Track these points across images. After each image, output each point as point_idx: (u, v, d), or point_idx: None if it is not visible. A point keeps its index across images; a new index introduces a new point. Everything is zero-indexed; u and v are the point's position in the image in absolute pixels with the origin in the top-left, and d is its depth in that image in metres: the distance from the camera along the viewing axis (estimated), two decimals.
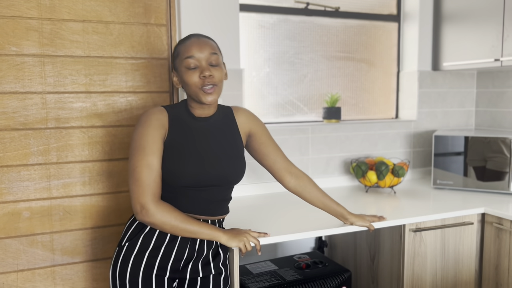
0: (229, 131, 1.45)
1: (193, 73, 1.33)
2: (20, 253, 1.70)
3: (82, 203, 1.77)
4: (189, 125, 1.38)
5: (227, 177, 1.39)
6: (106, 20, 1.75)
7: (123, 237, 1.40)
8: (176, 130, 1.36)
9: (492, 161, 2.09)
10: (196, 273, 1.39)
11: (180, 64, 1.36)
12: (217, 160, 1.37)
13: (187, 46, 1.35)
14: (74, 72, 1.73)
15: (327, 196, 1.57)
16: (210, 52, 1.34)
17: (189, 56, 1.33)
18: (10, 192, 1.67)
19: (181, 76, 1.37)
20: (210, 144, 1.38)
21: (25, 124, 1.68)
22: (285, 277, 1.71)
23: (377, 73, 2.55)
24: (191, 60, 1.33)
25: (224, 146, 1.40)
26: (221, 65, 1.38)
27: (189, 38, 1.37)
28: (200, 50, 1.33)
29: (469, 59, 2.26)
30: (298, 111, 2.37)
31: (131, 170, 1.30)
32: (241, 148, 1.46)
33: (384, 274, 1.89)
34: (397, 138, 2.45)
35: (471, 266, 1.89)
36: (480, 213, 1.88)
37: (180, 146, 1.34)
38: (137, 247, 1.34)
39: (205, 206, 1.38)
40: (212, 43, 1.38)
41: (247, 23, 2.22)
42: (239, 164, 1.42)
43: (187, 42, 1.36)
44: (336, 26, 2.41)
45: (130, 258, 1.34)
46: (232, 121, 1.47)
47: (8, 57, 1.63)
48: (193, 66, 1.33)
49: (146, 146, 1.29)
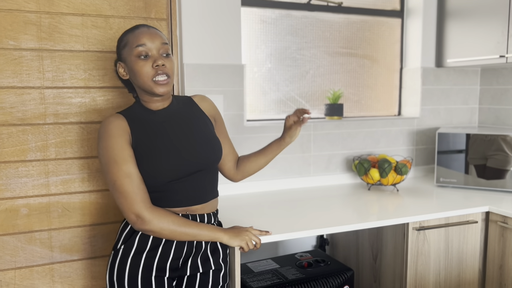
0: (194, 115, 1.41)
1: (145, 63, 1.28)
2: (18, 250, 1.68)
3: (81, 200, 1.75)
4: (149, 121, 1.34)
5: (207, 159, 1.35)
6: (105, 14, 1.72)
7: (117, 240, 1.35)
8: (138, 131, 1.31)
9: (492, 159, 2.06)
10: (196, 269, 1.36)
11: (129, 53, 1.30)
12: (190, 145, 1.33)
13: (136, 35, 1.30)
14: (73, 67, 1.70)
15: (261, 150, 1.56)
16: (161, 42, 1.30)
17: (140, 45, 1.28)
18: (8, 188, 1.65)
19: (131, 66, 1.31)
20: (176, 133, 1.34)
21: (23, 119, 1.65)
22: (286, 276, 1.69)
23: (380, 70, 2.52)
24: (142, 49, 1.28)
25: (193, 130, 1.37)
26: (171, 57, 1.34)
27: (137, 28, 1.32)
28: (151, 40, 1.29)
29: (474, 56, 2.23)
30: (300, 107, 2.35)
31: (112, 185, 1.25)
32: (211, 128, 1.43)
33: (387, 273, 1.86)
34: (400, 135, 2.43)
35: (475, 265, 1.87)
36: (485, 212, 1.86)
37: (149, 143, 1.30)
38: (133, 249, 1.30)
39: (194, 194, 1.34)
40: (162, 34, 1.34)
41: (249, 18, 2.19)
42: (214, 142, 1.39)
43: (136, 31, 1.31)
44: (339, 21, 2.38)
45: (127, 261, 1.30)
46: (195, 107, 1.44)
47: (5, 51, 1.60)
48: (144, 55, 1.28)
49: (116, 157, 1.24)
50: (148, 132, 1.31)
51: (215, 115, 1.49)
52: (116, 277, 1.30)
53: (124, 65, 1.34)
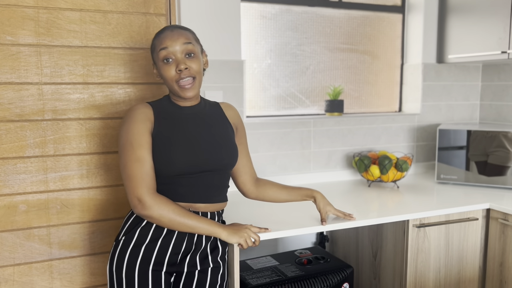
0: (217, 119, 1.45)
1: (169, 67, 1.32)
2: (16, 246, 1.67)
3: (80, 196, 1.74)
4: (175, 115, 1.37)
5: (219, 162, 1.37)
6: (104, 10, 1.71)
7: (120, 232, 1.38)
8: (162, 122, 1.35)
9: (493, 155, 2.05)
10: (194, 266, 1.36)
11: (157, 57, 1.35)
12: (208, 144, 1.36)
13: (160, 39, 1.33)
14: (71, 63, 1.69)
15: (288, 186, 1.56)
16: (183, 42, 1.32)
17: (162, 48, 1.32)
18: (6, 185, 1.64)
19: (159, 70, 1.36)
20: (199, 130, 1.37)
21: (21, 115, 1.64)
22: (286, 273, 1.69)
23: (380, 66, 2.50)
24: (164, 52, 1.31)
25: (214, 131, 1.39)
26: (198, 55, 1.35)
27: (163, 31, 1.35)
28: (173, 41, 1.31)
29: (475, 52, 2.21)
30: (300, 103, 2.33)
31: (122, 166, 1.29)
32: (231, 134, 1.45)
33: (386, 270, 1.86)
34: (401, 131, 2.42)
35: (475, 263, 1.86)
36: (485, 209, 1.85)
37: (169, 135, 1.33)
38: (133, 240, 1.32)
39: (202, 193, 1.35)
40: (186, 33, 1.35)
41: (248, 13, 2.17)
42: (231, 147, 1.41)
43: (161, 35, 1.34)
44: (339, 17, 2.37)
45: (126, 252, 1.32)
46: (220, 112, 1.47)
47: (3, 47, 1.59)
48: (167, 58, 1.32)
49: (133, 140, 1.28)
50: (170, 124, 1.35)
51: (238, 125, 1.51)
52: (115, 267, 1.32)
53: (155, 67, 1.39)
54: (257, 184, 1.55)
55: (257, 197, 1.56)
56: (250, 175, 1.54)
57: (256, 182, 1.55)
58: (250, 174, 1.53)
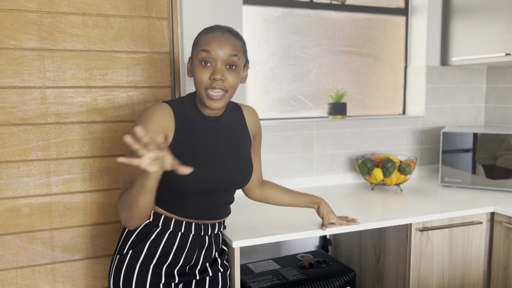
0: (239, 132, 1.35)
1: (204, 70, 1.19)
2: (19, 249, 1.68)
3: (82, 199, 1.75)
4: (198, 126, 1.25)
5: (235, 183, 1.31)
6: (106, 13, 1.72)
7: (123, 244, 1.29)
8: (184, 131, 1.22)
9: (502, 158, 2.03)
10: (205, 273, 1.35)
11: (195, 55, 1.22)
12: (227, 166, 1.28)
13: (208, 38, 1.20)
14: (74, 67, 1.70)
15: (292, 190, 1.53)
16: (230, 53, 1.19)
17: (205, 50, 1.19)
18: (10, 188, 1.65)
19: (193, 68, 1.23)
20: (220, 148, 1.27)
21: (24, 119, 1.65)
22: (287, 277, 1.68)
23: (384, 68, 2.49)
24: (205, 54, 1.19)
25: (234, 150, 1.31)
26: (240, 69, 1.23)
27: (213, 30, 1.22)
28: (220, 47, 1.18)
29: (479, 54, 2.20)
30: (302, 106, 2.33)
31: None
32: (249, 148, 1.38)
33: (389, 274, 1.84)
34: (404, 134, 2.40)
35: (480, 267, 1.84)
36: (489, 212, 1.83)
37: (190, 149, 1.22)
38: (142, 254, 1.25)
39: (211, 211, 1.31)
40: (237, 42, 1.22)
41: (251, 16, 2.17)
42: (248, 168, 1.34)
43: (209, 34, 1.21)
44: (342, 19, 2.36)
45: (135, 266, 1.25)
46: (242, 121, 1.38)
47: (6, 51, 1.61)
48: (206, 61, 1.19)
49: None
50: (192, 137, 1.23)
51: (256, 132, 1.43)
52: (122, 283, 1.24)
53: (191, 63, 1.26)
54: (262, 187, 1.52)
55: (260, 199, 1.53)
56: (257, 180, 1.50)
57: (261, 184, 1.52)
58: (257, 179, 1.50)
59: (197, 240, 1.31)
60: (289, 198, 1.52)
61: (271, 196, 1.52)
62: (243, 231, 1.49)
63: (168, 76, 1.85)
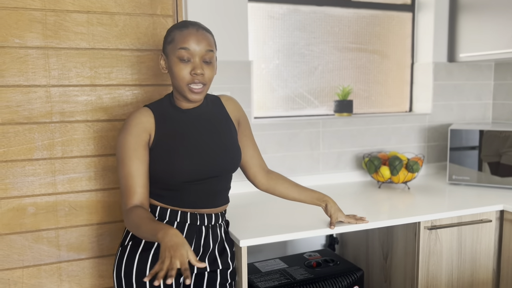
0: (220, 119, 1.40)
1: (184, 66, 1.27)
2: (25, 249, 1.67)
3: (88, 198, 1.74)
4: (176, 120, 1.33)
5: (224, 167, 1.35)
6: (111, 11, 1.71)
7: (125, 237, 1.37)
8: (163, 129, 1.31)
9: (506, 155, 2.01)
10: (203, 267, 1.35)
11: (172, 52, 1.29)
12: (212, 151, 1.33)
13: (184, 36, 1.27)
14: (79, 65, 1.69)
15: (300, 185, 1.54)
16: (206, 49, 1.28)
17: (184, 48, 1.26)
18: (15, 187, 1.64)
19: (170, 65, 1.30)
20: (202, 135, 1.34)
21: (29, 118, 1.64)
22: (295, 276, 1.67)
23: (390, 65, 2.47)
24: (184, 52, 1.26)
25: (217, 135, 1.36)
26: (214, 63, 1.32)
27: (186, 27, 1.29)
28: (197, 44, 1.27)
29: (487, 50, 2.17)
30: (308, 104, 2.31)
31: (118, 177, 1.31)
32: (234, 134, 1.42)
33: (397, 273, 1.83)
34: (411, 132, 2.38)
35: (489, 265, 1.82)
36: (499, 210, 1.81)
37: (171, 143, 1.30)
38: (141, 245, 1.32)
39: (207, 198, 1.34)
40: (210, 38, 1.31)
41: (256, 13, 2.15)
42: (235, 151, 1.38)
43: (184, 31, 1.28)
44: (348, 16, 2.34)
45: (135, 256, 1.31)
46: (222, 109, 1.43)
47: (11, 50, 1.60)
48: (185, 59, 1.27)
49: (125, 156, 1.27)
50: (173, 131, 1.31)
51: (240, 118, 1.47)
52: (123, 273, 1.31)
53: (166, 60, 1.33)
54: (269, 177, 1.53)
55: (267, 189, 1.53)
56: (260, 167, 1.51)
57: (267, 174, 1.53)
58: (259, 165, 1.51)
59: (193, 229, 1.33)
60: (296, 192, 1.52)
61: (278, 188, 1.52)
62: (250, 230, 1.48)
63: None
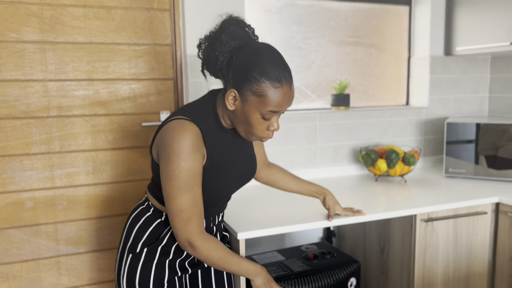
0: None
1: (264, 122, 1.16)
2: (24, 243, 1.68)
3: (86, 192, 1.75)
4: (223, 140, 1.25)
5: (251, 178, 1.37)
6: (107, 5, 1.70)
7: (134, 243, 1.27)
8: (213, 150, 1.21)
9: (503, 148, 2.02)
10: (198, 265, 1.36)
11: (256, 106, 1.13)
12: (246, 168, 1.33)
13: (279, 96, 1.12)
14: (76, 59, 1.69)
15: (300, 178, 1.55)
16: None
17: (275, 111, 1.14)
18: (13, 181, 1.65)
19: (248, 113, 1.15)
20: (239, 155, 1.31)
21: (26, 112, 1.64)
22: (292, 268, 1.68)
23: (387, 59, 2.47)
24: (274, 114, 1.15)
25: (247, 149, 1.35)
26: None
27: (280, 82, 1.12)
28: (287, 105, 1.17)
29: (484, 43, 2.17)
30: (305, 98, 2.32)
31: (178, 210, 1.14)
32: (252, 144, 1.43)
33: (394, 265, 1.84)
34: (408, 125, 2.39)
35: (485, 257, 1.84)
36: (494, 203, 1.82)
37: (221, 166, 1.23)
38: (158, 252, 1.26)
39: (223, 205, 1.36)
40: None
41: (253, 7, 2.15)
42: (256, 163, 1.39)
43: (279, 90, 1.12)
44: (345, 10, 2.34)
45: (152, 264, 1.25)
46: None
47: (8, 44, 1.59)
48: (268, 118, 1.16)
49: (193, 183, 1.15)
50: (220, 153, 1.23)
51: None
52: (138, 282, 1.23)
53: (240, 101, 1.15)
54: (269, 170, 1.54)
55: (267, 182, 1.54)
56: (262, 162, 1.52)
57: (268, 167, 1.54)
58: (262, 161, 1.52)
59: (208, 232, 1.33)
60: (295, 185, 1.53)
61: (278, 181, 1.53)
62: (248, 223, 1.49)
63: (170, 68, 1.83)
